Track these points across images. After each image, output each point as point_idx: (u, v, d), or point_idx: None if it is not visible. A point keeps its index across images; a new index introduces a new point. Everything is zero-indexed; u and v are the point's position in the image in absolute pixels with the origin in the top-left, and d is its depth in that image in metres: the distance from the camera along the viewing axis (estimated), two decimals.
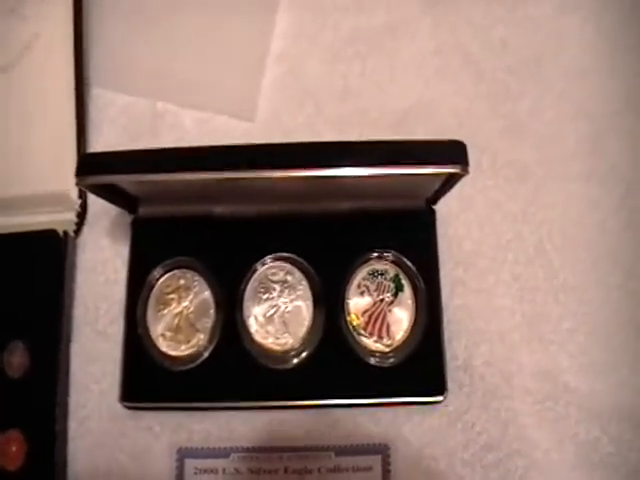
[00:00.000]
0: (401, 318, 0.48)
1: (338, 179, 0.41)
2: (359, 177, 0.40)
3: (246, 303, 0.48)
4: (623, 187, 0.53)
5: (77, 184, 0.40)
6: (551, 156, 0.54)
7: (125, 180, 0.41)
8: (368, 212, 0.49)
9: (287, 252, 0.49)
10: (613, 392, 0.48)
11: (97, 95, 0.54)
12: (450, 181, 0.43)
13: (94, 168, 0.40)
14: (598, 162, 0.53)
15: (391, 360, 0.47)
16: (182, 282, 0.48)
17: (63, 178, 0.49)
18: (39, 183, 0.50)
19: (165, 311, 0.48)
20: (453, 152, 0.40)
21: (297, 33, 0.56)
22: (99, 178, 0.40)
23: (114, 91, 0.54)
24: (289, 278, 0.48)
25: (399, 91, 0.55)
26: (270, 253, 0.48)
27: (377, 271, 0.49)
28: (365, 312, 0.48)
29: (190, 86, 0.54)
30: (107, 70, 0.54)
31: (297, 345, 0.47)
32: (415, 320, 0.48)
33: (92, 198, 0.52)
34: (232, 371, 0.47)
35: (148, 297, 0.48)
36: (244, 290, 0.48)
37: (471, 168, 0.40)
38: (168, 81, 0.54)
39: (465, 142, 0.39)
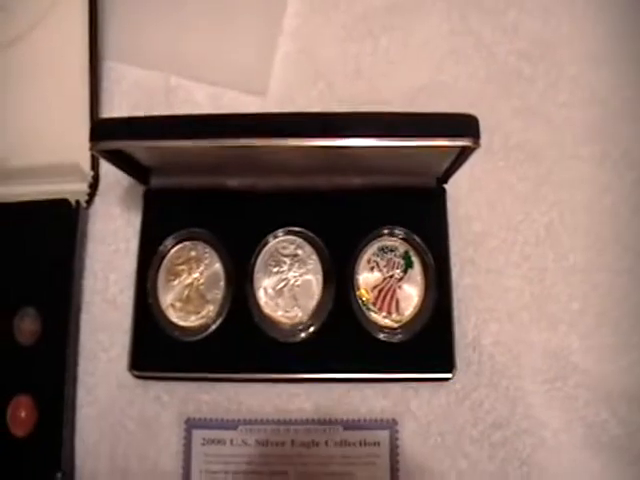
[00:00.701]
0: (410, 294, 0.48)
1: (350, 151, 0.41)
2: (371, 148, 0.40)
3: (256, 275, 0.48)
4: (635, 171, 0.53)
5: (90, 149, 0.40)
6: (563, 139, 0.53)
7: (138, 146, 0.41)
8: (379, 189, 0.49)
9: (298, 226, 0.49)
10: (622, 374, 0.48)
11: (110, 68, 0.54)
12: (461, 156, 0.43)
13: (107, 133, 0.40)
14: (610, 146, 0.53)
15: (400, 336, 0.47)
16: (193, 254, 0.48)
17: (76, 149, 0.49)
18: (52, 154, 0.51)
19: (175, 282, 0.48)
20: (465, 125, 0.40)
21: (310, 11, 0.56)
22: (112, 143, 0.40)
23: (127, 64, 0.54)
24: (299, 252, 0.48)
25: (411, 71, 0.55)
26: (281, 227, 0.49)
27: (387, 247, 0.49)
28: (375, 287, 0.48)
29: (203, 60, 0.54)
30: (121, 43, 0.54)
31: (306, 319, 0.47)
32: (424, 297, 0.48)
33: (104, 169, 0.52)
34: (241, 343, 0.47)
35: (159, 268, 0.48)
36: (254, 263, 0.48)
37: (482, 149, 0.40)
38: (181, 55, 0.54)
39: None
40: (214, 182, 0.49)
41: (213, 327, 0.47)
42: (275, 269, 0.48)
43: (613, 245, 0.51)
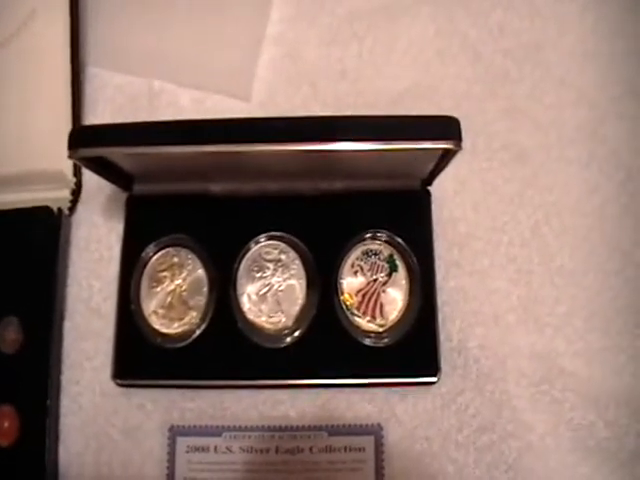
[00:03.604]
0: (395, 298, 0.47)
1: (333, 155, 0.41)
2: (353, 152, 0.40)
3: (239, 281, 0.47)
4: (622, 173, 0.52)
5: (70, 157, 0.40)
6: (549, 140, 0.53)
7: (117, 152, 0.41)
8: (363, 192, 0.49)
9: (281, 231, 0.48)
10: (609, 377, 0.48)
11: (93, 74, 0.54)
12: (444, 158, 0.42)
13: (87, 140, 0.40)
14: (597, 147, 0.53)
15: (385, 340, 0.47)
16: (176, 260, 0.48)
17: (58, 156, 0.48)
18: (35, 161, 0.50)
19: (158, 289, 0.48)
20: (446, 128, 0.39)
21: (295, 15, 0.56)
22: (91, 150, 0.40)
23: (110, 70, 0.54)
24: (283, 257, 0.48)
25: (396, 73, 0.55)
26: (264, 232, 0.48)
27: (371, 251, 0.48)
28: (359, 292, 0.48)
29: (186, 65, 0.54)
30: (104, 49, 0.54)
31: (290, 324, 0.47)
32: (409, 301, 0.47)
33: (87, 176, 0.52)
34: (225, 349, 0.47)
35: (141, 275, 0.48)
36: (237, 268, 0.48)
37: (467, 150, 0.40)
38: (165, 60, 0.54)
39: (461, 124, 0.39)
40: (197, 188, 0.49)
41: (196, 334, 0.47)
42: (258, 274, 0.48)
43: (601, 246, 0.51)
